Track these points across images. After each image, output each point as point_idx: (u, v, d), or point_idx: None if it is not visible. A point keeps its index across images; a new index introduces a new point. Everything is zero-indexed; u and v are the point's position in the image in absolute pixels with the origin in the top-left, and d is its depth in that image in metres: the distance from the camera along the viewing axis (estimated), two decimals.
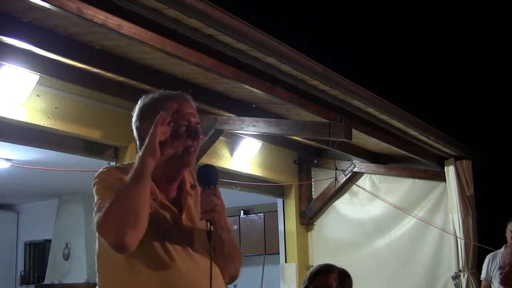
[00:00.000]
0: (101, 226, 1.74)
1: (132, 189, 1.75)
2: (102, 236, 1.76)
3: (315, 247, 6.84)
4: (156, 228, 1.83)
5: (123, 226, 1.72)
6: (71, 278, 9.32)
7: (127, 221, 1.73)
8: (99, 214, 1.76)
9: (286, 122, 5.17)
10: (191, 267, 1.85)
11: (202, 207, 1.85)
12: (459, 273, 5.97)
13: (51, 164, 5.98)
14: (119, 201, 1.74)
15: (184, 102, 1.93)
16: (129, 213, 1.73)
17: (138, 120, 1.94)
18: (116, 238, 1.72)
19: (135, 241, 1.74)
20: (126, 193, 1.75)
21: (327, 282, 2.83)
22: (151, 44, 3.30)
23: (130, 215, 1.73)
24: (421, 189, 6.45)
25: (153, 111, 1.88)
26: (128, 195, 1.74)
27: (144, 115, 1.92)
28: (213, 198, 1.84)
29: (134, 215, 1.73)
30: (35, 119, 4.21)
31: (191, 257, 1.86)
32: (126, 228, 1.72)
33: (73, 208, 9.54)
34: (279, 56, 3.80)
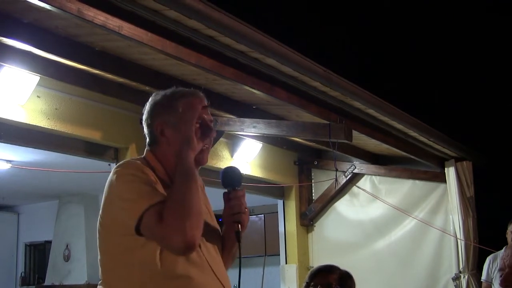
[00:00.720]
0: (165, 230, 1.70)
1: (187, 187, 1.74)
2: (165, 240, 1.71)
3: (315, 248, 6.85)
4: None
5: (192, 227, 1.71)
6: (72, 279, 9.31)
7: (194, 222, 1.72)
8: (156, 217, 1.71)
9: (286, 123, 5.16)
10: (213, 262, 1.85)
11: (232, 209, 1.88)
12: (459, 274, 5.96)
13: (52, 165, 5.99)
14: (178, 200, 1.72)
15: (197, 99, 1.94)
16: (191, 211, 1.72)
17: (150, 118, 1.92)
18: (184, 239, 1.69)
19: (199, 237, 1.74)
20: (183, 190, 1.74)
21: (327, 281, 2.85)
22: (151, 45, 3.30)
23: (192, 213, 1.72)
24: (421, 190, 6.45)
25: (166, 108, 1.90)
26: (185, 193, 1.73)
27: (156, 113, 1.91)
28: (243, 200, 1.88)
29: (197, 214, 1.74)
30: (36, 120, 4.21)
31: (210, 252, 1.87)
32: (195, 229, 1.72)
33: (74, 209, 9.53)
34: (279, 57, 3.80)
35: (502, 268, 2.01)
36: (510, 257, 1.98)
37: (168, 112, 1.88)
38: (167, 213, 1.70)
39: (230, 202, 1.88)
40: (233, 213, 1.87)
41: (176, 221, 1.69)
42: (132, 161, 1.91)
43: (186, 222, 1.70)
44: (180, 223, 1.69)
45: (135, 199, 1.75)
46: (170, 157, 1.88)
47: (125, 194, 1.78)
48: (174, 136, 1.87)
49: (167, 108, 1.90)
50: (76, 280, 9.26)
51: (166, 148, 1.89)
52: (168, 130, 1.89)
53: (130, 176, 1.81)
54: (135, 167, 1.84)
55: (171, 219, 1.70)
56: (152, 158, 1.91)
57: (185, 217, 1.70)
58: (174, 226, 1.69)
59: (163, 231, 1.70)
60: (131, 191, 1.77)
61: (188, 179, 1.77)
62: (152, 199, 1.74)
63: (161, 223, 1.70)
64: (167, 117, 1.88)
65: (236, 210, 1.87)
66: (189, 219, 1.71)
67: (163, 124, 1.88)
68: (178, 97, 1.91)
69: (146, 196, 1.75)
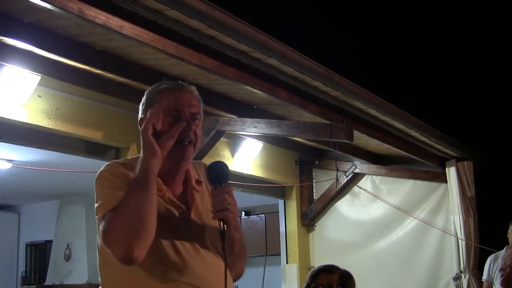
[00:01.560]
0: (107, 240, 1.68)
1: (137, 197, 1.68)
2: (109, 249, 1.68)
3: (316, 248, 6.85)
4: (165, 226, 1.76)
5: (130, 239, 1.65)
6: (72, 279, 9.32)
7: (135, 233, 1.65)
8: (104, 225, 1.69)
9: (287, 123, 5.16)
10: (202, 265, 1.79)
11: (215, 206, 1.77)
12: (460, 274, 5.97)
13: (52, 165, 5.98)
14: (125, 210, 1.67)
15: (179, 92, 1.87)
16: (137, 224, 1.66)
17: (139, 113, 1.89)
18: (123, 252, 1.65)
19: (144, 252, 1.67)
20: (132, 201, 1.68)
21: (329, 282, 2.86)
22: (152, 45, 3.30)
23: (138, 226, 1.66)
24: (422, 190, 6.45)
25: (145, 104, 1.86)
26: (133, 204, 1.67)
27: (141, 109, 1.87)
28: (227, 197, 1.76)
29: (142, 225, 1.66)
30: (36, 120, 4.21)
31: (201, 255, 1.81)
32: (134, 241, 1.65)
33: (74, 209, 9.54)
34: (281, 57, 3.80)
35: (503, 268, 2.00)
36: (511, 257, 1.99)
37: (146, 108, 1.84)
38: (112, 221, 1.67)
39: (214, 199, 1.77)
40: (216, 211, 1.76)
41: (118, 230, 1.66)
42: (113, 163, 1.88)
43: (129, 234, 1.65)
44: (121, 233, 1.65)
45: (100, 204, 1.74)
46: None
47: (96, 198, 1.77)
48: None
49: (146, 104, 1.85)
50: (77, 280, 9.26)
51: None
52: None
53: (102, 180, 1.78)
54: (111, 170, 1.81)
55: (114, 227, 1.66)
56: None
57: (128, 229, 1.65)
58: (115, 236, 1.66)
59: (107, 240, 1.68)
60: (99, 196, 1.76)
61: (141, 187, 1.69)
62: (109, 205, 1.70)
63: (106, 231, 1.68)
64: (145, 114, 1.83)
65: (218, 207, 1.76)
66: (132, 232, 1.65)
67: (141, 121, 1.83)
68: (157, 92, 1.86)
69: (107, 202, 1.71)
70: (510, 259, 1.98)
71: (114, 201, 1.70)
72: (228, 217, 1.76)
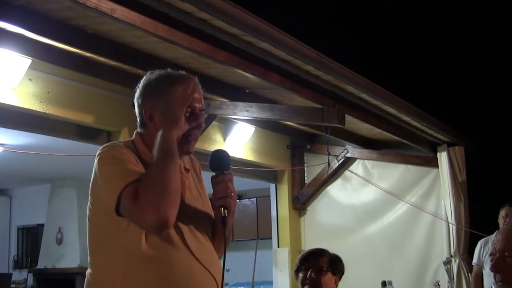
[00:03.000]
0: (139, 210, 1.68)
1: (168, 165, 1.72)
2: (140, 219, 1.70)
3: (307, 232, 6.89)
4: None
5: (165, 206, 1.69)
6: (64, 263, 9.35)
7: (169, 200, 1.70)
8: (130, 197, 1.69)
9: (279, 107, 5.18)
10: (199, 248, 1.84)
11: (218, 192, 1.85)
12: (450, 258, 6.02)
13: (44, 149, 6.00)
14: (157, 179, 1.70)
15: (189, 87, 1.88)
16: (170, 191, 1.70)
17: (141, 98, 1.90)
18: (159, 219, 1.68)
19: (174, 218, 1.72)
20: (163, 170, 1.71)
21: (318, 264, 2.86)
22: (143, 28, 3.29)
23: (171, 193, 1.70)
24: (413, 175, 6.48)
25: (158, 92, 1.87)
26: (165, 172, 1.71)
27: (148, 95, 1.88)
28: (230, 185, 1.85)
29: (174, 192, 1.72)
30: (27, 103, 4.20)
31: (196, 238, 1.86)
32: (168, 207, 1.69)
33: (66, 193, 9.56)
34: (273, 41, 3.79)
35: (493, 253, 2.00)
36: (501, 242, 1.97)
37: (159, 96, 1.85)
38: (142, 190, 1.69)
39: (217, 186, 1.85)
40: (219, 197, 1.85)
41: (150, 198, 1.68)
42: (114, 143, 1.90)
43: (161, 200, 1.68)
44: (154, 200, 1.68)
45: (115, 180, 1.74)
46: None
47: (106, 176, 1.77)
48: (161, 122, 1.84)
49: (158, 92, 1.86)
50: (68, 264, 9.29)
51: (153, 133, 1.85)
52: (157, 115, 1.86)
53: (110, 159, 1.80)
54: (115, 149, 1.84)
55: (145, 196, 1.68)
56: (140, 141, 1.90)
57: (159, 195, 1.69)
58: (148, 203, 1.68)
59: (137, 209, 1.69)
60: (111, 173, 1.77)
61: (167, 156, 1.74)
62: (128, 178, 1.73)
63: (136, 200, 1.68)
64: (157, 101, 1.85)
65: (221, 194, 1.84)
66: (164, 197, 1.69)
67: (152, 109, 1.86)
68: (171, 82, 1.87)
69: (124, 176, 1.73)
70: (500, 243, 1.97)
71: (132, 174, 1.74)
72: (230, 204, 1.85)
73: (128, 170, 1.75)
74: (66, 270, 9.32)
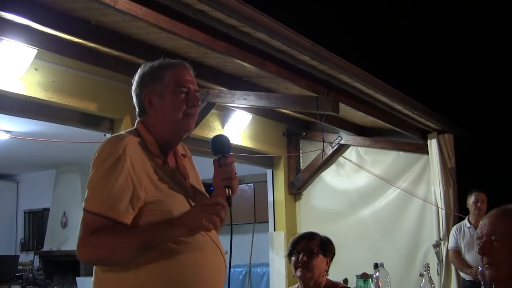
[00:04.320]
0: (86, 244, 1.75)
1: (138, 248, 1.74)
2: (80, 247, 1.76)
3: (302, 216, 6.94)
4: (171, 196, 1.87)
5: (102, 264, 1.80)
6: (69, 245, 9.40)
7: (109, 265, 1.79)
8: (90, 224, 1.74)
9: (275, 95, 5.21)
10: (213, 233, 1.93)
11: (222, 174, 1.92)
12: (439, 241, 6.08)
13: (49, 136, 6.02)
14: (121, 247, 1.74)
15: (183, 70, 1.99)
16: (119, 262, 1.76)
17: (139, 87, 1.98)
18: (86, 261, 1.80)
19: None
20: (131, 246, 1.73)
21: (309, 247, 2.92)
22: (145, 19, 3.34)
23: (117, 263, 1.77)
24: (405, 161, 6.53)
25: (154, 78, 1.96)
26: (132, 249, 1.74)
27: (144, 83, 1.97)
28: (233, 167, 1.94)
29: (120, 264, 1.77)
30: (33, 92, 4.26)
31: None
32: (102, 265, 1.80)
33: (70, 178, 9.61)
34: (269, 31, 3.83)
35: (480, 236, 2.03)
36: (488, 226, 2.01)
37: (155, 82, 1.94)
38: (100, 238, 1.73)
39: (220, 169, 1.93)
40: (223, 179, 1.92)
41: (96, 251, 1.75)
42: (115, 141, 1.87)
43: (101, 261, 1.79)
44: (98, 253, 1.76)
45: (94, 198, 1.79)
46: (159, 126, 1.94)
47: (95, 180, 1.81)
48: (161, 104, 1.93)
49: (154, 78, 1.95)
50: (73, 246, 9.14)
51: (154, 117, 1.94)
52: (156, 99, 1.94)
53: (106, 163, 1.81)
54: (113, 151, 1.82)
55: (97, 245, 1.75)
56: (143, 129, 1.96)
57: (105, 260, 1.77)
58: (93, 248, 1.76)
59: (84, 241, 1.75)
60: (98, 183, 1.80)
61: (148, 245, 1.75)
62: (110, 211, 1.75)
63: (89, 235, 1.75)
64: (154, 87, 1.93)
65: (226, 175, 1.92)
66: (105, 263, 1.79)
67: (150, 94, 1.94)
68: (164, 68, 1.97)
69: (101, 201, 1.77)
70: (487, 227, 2.01)
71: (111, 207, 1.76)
72: (234, 184, 1.94)
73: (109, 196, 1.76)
74: (70, 253, 9.32)
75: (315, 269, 2.91)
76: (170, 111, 1.93)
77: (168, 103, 1.93)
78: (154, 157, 1.90)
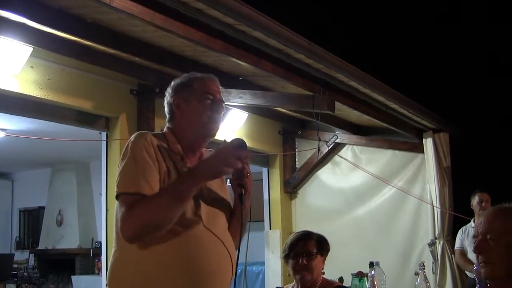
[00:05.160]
0: (127, 222, 1.87)
1: (174, 207, 1.90)
2: (122, 231, 1.89)
3: (298, 215, 6.96)
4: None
5: (149, 232, 1.89)
6: (64, 244, 9.45)
7: (155, 230, 1.89)
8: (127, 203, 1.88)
9: (271, 94, 5.21)
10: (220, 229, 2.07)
11: (236, 173, 2.05)
12: (435, 240, 6.10)
13: (45, 134, 6.01)
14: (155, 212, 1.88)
15: (210, 81, 2.19)
16: (162, 225, 1.89)
17: (170, 96, 2.17)
18: (130, 238, 1.89)
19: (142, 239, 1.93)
20: (166, 205, 1.88)
21: (307, 249, 2.93)
22: (141, 17, 3.34)
23: (161, 227, 1.89)
24: (400, 160, 6.54)
25: (183, 86, 2.16)
26: (164, 210, 1.88)
27: (176, 91, 2.16)
28: (246, 166, 2.04)
29: (160, 227, 1.90)
30: (29, 90, 4.25)
31: (216, 220, 2.07)
32: (151, 234, 1.90)
33: (66, 177, 9.62)
34: (266, 30, 3.83)
35: (475, 235, 2.04)
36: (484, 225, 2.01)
37: (184, 89, 2.14)
38: (138, 208, 1.87)
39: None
40: (236, 177, 2.06)
41: (140, 223, 1.88)
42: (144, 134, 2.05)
43: (148, 229, 1.89)
44: (140, 222, 1.88)
45: (128, 175, 1.95)
46: (184, 128, 2.11)
47: (126, 165, 1.97)
48: (187, 108, 2.12)
49: (184, 86, 2.16)
50: (68, 244, 9.36)
51: (180, 119, 2.13)
52: (183, 103, 2.13)
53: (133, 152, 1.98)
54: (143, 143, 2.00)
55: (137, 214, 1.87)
56: (169, 132, 2.14)
57: (148, 228, 1.89)
58: (132, 222, 1.88)
59: (125, 217, 1.88)
60: (128, 167, 1.96)
61: (179, 200, 1.91)
62: (133, 187, 1.91)
63: (127, 212, 1.88)
64: (182, 94, 2.14)
65: (239, 174, 2.04)
66: (153, 227, 1.89)
67: (179, 99, 2.13)
68: (194, 78, 2.18)
69: (135, 183, 1.92)
70: (482, 226, 2.02)
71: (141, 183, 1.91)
72: (247, 183, 2.07)
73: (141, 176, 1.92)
74: (66, 251, 9.41)
75: (315, 271, 2.93)
76: (196, 114, 2.11)
77: (194, 107, 2.11)
78: (174, 154, 2.06)
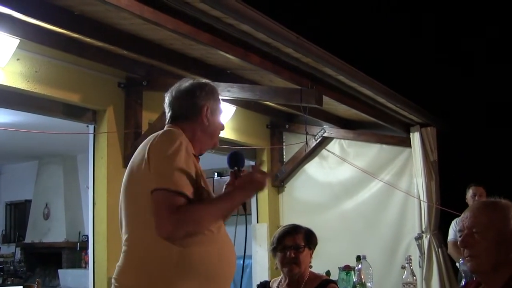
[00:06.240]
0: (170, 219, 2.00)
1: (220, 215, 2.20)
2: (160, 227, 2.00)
3: (285, 208, 6.97)
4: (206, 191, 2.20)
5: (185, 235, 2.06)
6: (51, 237, 9.41)
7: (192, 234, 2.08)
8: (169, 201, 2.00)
9: (259, 88, 5.21)
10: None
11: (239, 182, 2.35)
12: (421, 234, 6.13)
13: (31, 127, 5.94)
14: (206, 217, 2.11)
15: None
16: (201, 231, 2.11)
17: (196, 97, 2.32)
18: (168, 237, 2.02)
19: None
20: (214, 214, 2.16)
21: (295, 242, 2.96)
22: (129, 10, 3.33)
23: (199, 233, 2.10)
24: (387, 154, 6.56)
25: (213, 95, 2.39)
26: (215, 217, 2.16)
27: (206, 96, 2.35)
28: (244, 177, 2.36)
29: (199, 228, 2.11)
30: (15, 82, 4.22)
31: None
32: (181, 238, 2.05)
33: (53, 170, 9.58)
34: (253, 23, 3.83)
35: (461, 229, 2.07)
36: (469, 219, 2.04)
37: (215, 100, 2.38)
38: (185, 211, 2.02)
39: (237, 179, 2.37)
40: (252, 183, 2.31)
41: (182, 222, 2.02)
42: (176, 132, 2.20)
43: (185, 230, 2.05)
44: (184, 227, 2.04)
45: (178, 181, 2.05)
46: (202, 135, 2.31)
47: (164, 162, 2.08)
48: (213, 119, 2.35)
49: (213, 95, 2.38)
50: (55, 238, 9.34)
51: (201, 125, 2.31)
52: (211, 113, 2.34)
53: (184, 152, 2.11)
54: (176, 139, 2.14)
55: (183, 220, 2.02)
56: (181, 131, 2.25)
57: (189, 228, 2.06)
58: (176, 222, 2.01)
59: (165, 216, 2.00)
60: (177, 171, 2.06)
61: (229, 211, 2.24)
62: (180, 185, 2.04)
63: (171, 212, 2.00)
64: (213, 103, 2.35)
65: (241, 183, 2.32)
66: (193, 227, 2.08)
67: (210, 107, 2.34)
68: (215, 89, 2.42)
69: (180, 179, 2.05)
70: (468, 220, 2.04)
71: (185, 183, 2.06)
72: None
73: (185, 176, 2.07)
74: (53, 244, 9.38)
75: (302, 264, 2.96)
76: (218, 127, 2.39)
77: (217, 121, 2.38)
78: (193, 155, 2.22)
